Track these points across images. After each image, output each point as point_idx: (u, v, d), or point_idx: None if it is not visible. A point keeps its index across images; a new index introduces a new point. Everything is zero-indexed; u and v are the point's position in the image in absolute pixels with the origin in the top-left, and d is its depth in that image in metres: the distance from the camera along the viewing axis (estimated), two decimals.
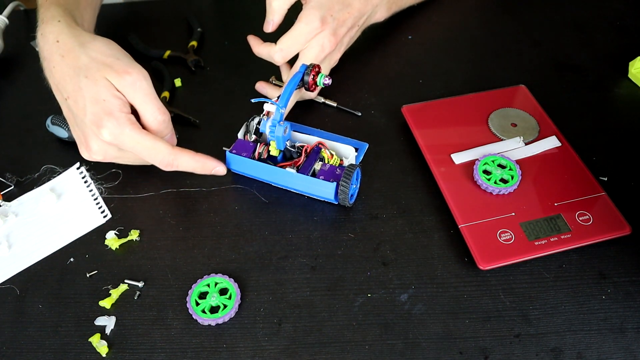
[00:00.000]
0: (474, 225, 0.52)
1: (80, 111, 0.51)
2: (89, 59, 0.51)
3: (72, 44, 0.52)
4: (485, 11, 0.76)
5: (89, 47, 0.52)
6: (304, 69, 0.55)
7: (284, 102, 0.53)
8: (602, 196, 0.53)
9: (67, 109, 0.53)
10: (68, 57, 0.52)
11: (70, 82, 0.51)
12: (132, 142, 0.51)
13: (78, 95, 0.51)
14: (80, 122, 0.52)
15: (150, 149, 0.51)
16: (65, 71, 0.52)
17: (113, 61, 0.51)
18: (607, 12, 0.74)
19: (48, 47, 0.53)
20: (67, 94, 0.52)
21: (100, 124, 0.50)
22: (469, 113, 0.61)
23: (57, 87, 0.53)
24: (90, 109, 0.50)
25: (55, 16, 0.54)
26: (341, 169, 0.54)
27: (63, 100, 0.53)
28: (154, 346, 0.48)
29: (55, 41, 0.53)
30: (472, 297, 0.49)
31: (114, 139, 0.50)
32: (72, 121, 0.54)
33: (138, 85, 0.51)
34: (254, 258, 0.53)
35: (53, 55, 0.52)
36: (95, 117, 0.50)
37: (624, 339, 0.46)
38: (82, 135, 0.52)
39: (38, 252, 0.54)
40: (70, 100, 0.52)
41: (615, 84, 0.66)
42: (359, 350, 0.47)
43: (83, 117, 0.51)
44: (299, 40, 0.59)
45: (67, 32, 0.53)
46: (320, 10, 0.59)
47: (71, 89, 0.51)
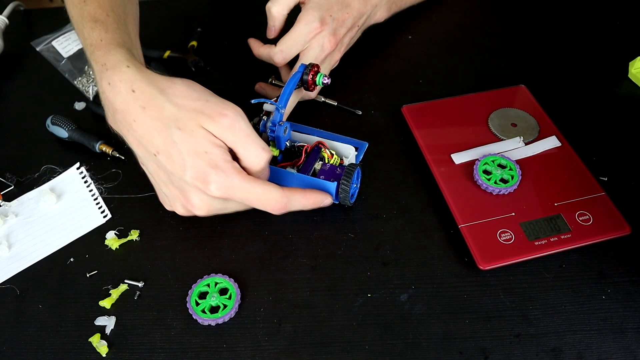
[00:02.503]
0: (474, 225, 0.52)
1: (177, 168, 0.46)
2: (176, 107, 0.46)
3: (151, 93, 0.47)
4: (486, 11, 0.76)
5: (171, 93, 0.47)
6: (302, 68, 0.55)
7: (283, 102, 0.53)
8: (602, 196, 0.53)
9: (157, 166, 0.48)
10: (151, 108, 0.47)
11: (159, 136, 0.46)
12: (243, 192, 0.47)
13: (172, 150, 0.46)
14: (178, 179, 0.47)
15: (262, 196, 0.47)
16: (150, 124, 0.46)
17: (203, 105, 0.46)
18: (607, 12, 0.74)
19: (122, 98, 0.47)
20: (157, 149, 0.47)
21: (206, 179, 0.46)
22: (469, 113, 0.61)
23: (141, 142, 0.48)
24: (191, 163, 0.46)
25: (122, 61, 0.49)
26: (341, 168, 0.54)
27: (150, 155, 0.48)
28: (154, 346, 0.48)
29: (131, 91, 0.47)
30: (472, 297, 0.49)
31: (223, 192, 0.46)
32: (164, 178, 0.49)
33: (237, 127, 0.46)
34: (254, 258, 0.53)
35: (131, 108, 0.47)
36: (198, 173, 0.46)
37: (624, 339, 0.46)
38: (179, 191, 0.48)
39: (38, 252, 0.54)
40: (162, 156, 0.47)
41: (615, 84, 0.66)
42: (359, 350, 0.47)
43: (182, 173, 0.46)
44: (299, 41, 0.59)
45: (141, 79, 0.48)
46: (319, 11, 0.59)
47: (162, 144, 0.46)
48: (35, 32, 0.75)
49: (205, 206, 0.48)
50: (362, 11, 0.63)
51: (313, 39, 0.59)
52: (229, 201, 0.49)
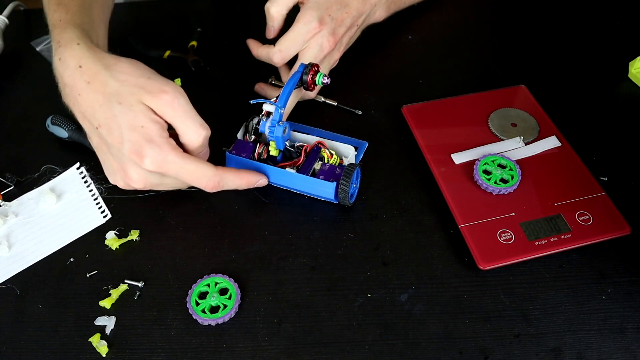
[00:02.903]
0: (474, 225, 0.52)
1: (115, 140, 0.48)
2: (119, 82, 0.48)
3: (96, 68, 0.49)
4: (486, 11, 0.77)
5: (115, 69, 0.49)
6: (302, 68, 0.55)
7: (283, 102, 0.53)
8: (602, 196, 0.53)
9: (99, 138, 0.50)
10: (95, 82, 0.49)
11: (100, 109, 0.48)
12: (176, 168, 0.48)
13: (112, 123, 0.48)
14: (117, 152, 0.49)
15: (195, 172, 0.49)
16: (93, 98, 0.48)
17: (145, 82, 0.48)
18: (607, 12, 0.74)
19: (70, 72, 0.50)
20: (98, 122, 0.48)
21: (141, 152, 0.47)
22: (469, 113, 0.61)
23: (85, 115, 0.50)
24: (128, 136, 0.47)
25: (74, 39, 0.51)
26: (341, 168, 0.54)
27: (93, 129, 0.50)
28: (154, 346, 0.48)
29: (78, 66, 0.49)
30: (472, 297, 0.49)
31: (157, 167, 0.48)
32: (105, 150, 0.50)
33: (177, 103, 0.48)
34: (254, 258, 0.53)
35: (77, 82, 0.49)
36: (134, 146, 0.47)
37: (624, 339, 0.46)
38: (119, 164, 0.49)
39: (38, 252, 0.54)
40: (103, 129, 0.48)
41: (615, 84, 0.66)
42: (359, 350, 0.47)
43: (120, 146, 0.48)
44: (298, 40, 0.59)
45: (89, 56, 0.50)
46: (318, 11, 0.59)
47: (103, 117, 0.48)
48: (35, 32, 0.75)
49: (142, 180, 0.50)
50: (361, 10, 0.63)
51: (312, 39, 0.59)
52: (165, 177, 0.50)
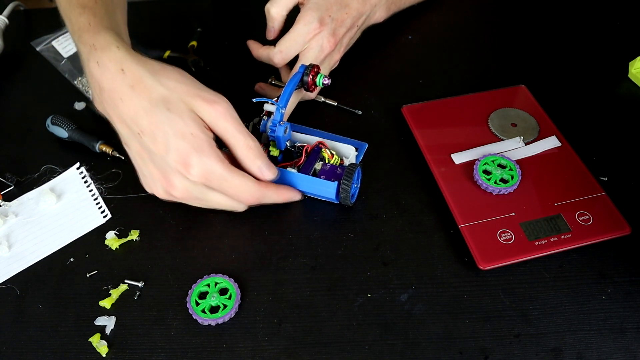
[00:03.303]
0: (474, 225, 0.52)
1: (160, 148, 0.46)
2: (167, 89, 0.46)
3: (141, 73, 0.47)
4: (485, 11, 0.77)
5: (162, 75, 0.47)
6: (303, 69, 0.55)
7: (283, 102, 0.53)
8: (602, 196, 0.53)
9: (139, 145, 0.48)
10: (139, 87, 0.47)
11: (145, 115, 0.46)
12: (222, 180, 0.48)
13: (157, 130, 0.46)
14: (160, 160, 0.47)
15: (239, 186, 0.48)
16: (137, 104, 0.46)
17: (197, 91, 0.47)
18: (607, 12, 0.74)
19: (110, 76, 0.47)
20: (141, 128, 0.47)
21: (188, 161, 0.46)
22: (469, 113, 0.61)
23: (125, 121, 0.48)
24: (175, 144, 0.46)
25: (111, 42, 0.49)
26: (342, 168, 0.54)
27: (133, 135, 0.48)
28: (154, 346, 0.48)
29: (120, 70, 0.47)
30: (472, 297, 0.49)
31: (203, 177, 0.47)
32: (146, 158, 0.49)
33: (229, 115, 0.47)
34: (254, 258, 0.53)
35: (119, 86, 0.47)
36: (181, 154, 0.46)
37: (624, 339, 0.46)
38: (161, 173, 0.48)
39: (38, 252, 0.54)
40: (146, 136, 0.47)
41: (615, 84, 0.66)
42: (359, 350, 0.47)
43: (164, 154, 0.46)
44: (298, 41, 0.59)
45: (132, 60, 0.48)
46: (318, 11, 0.59)
47: (147, 123, 0.46)
48: (35, 32, 0.74)
49: (185, 190, 0.48)
50: (361, 11, 0.63)
51: (312, 40, 0.59)
52: (208, 192, 0.49)
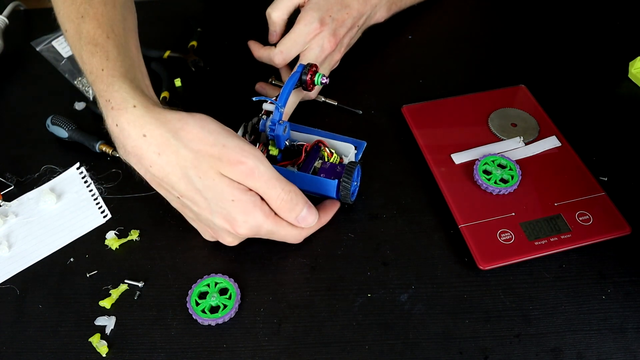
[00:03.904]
0: (474, 225, 0.52)
1: (204, 211, 0.47)
2: (192, 153, 0.44)
3: (164, 138, 0.45)
4: (485, 11, 0.77)
5: (184, 137, 0.45)
6: (301, 68, 0.55)
7: (283, 101, 0.53)
8: (602, 196, 0.53)
9: (181, 205, 0.49)
10: (166, 154, 0.45)
11: (180, 182, 0.45)
12: (269, 234, 0.49)
13: (196, 196, 0.46)
14: (206, 219, 0.48)
15: (285, 236, 0.50)
16: (169, 171, 0.45)
17: (220, 151, 0.45)
18: (607, 12, 0.74)
19: (133, 143, 0.46)
20: (180, 193, 0.46)
21: (234, 223, 0.46)
22: (469, 113, 0.61)
23: (161, 185, 0.47)
24: (218, 209, 0.46)
25: (127, 99, 0.46)
26: (342, 166, 0.54)
27: (174, 197, 0.48)
28: (154, 346, 0.48)
29: (142, 135, 0.45)
30: (472, 297, 0.49)
31: (252, 233, 0.48)
32: (192, 217, 0.50)
33: (257, 173, 0.45)
34: (254, 258, 0.53)
35: (145, 154, 0.45)
36: (226, 218, 0.46)
37: (624, 339, 0.46)
38: (211, 229, 0.50)
39: (38, 252, 0.54)
40: (186, 200, 0.47)
41: (615, 84, 0.66)
42: (359, 350, 0.47)
43: (209, 215, 0.47)
44: (299, 41, 0.59)
45: (151, 121, 0.45)
46: (318, 12, 0.59)
47: (184, 190, 0.46)
48: (35, 32, 0.75)
49: (237, 240, 0.50)
50: (361, 11, 0.63)
51: (313, 40, 0.59)
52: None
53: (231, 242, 0.50)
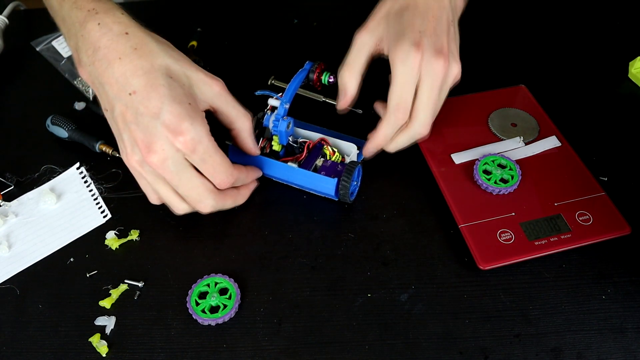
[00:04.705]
0: (474, 225, 0.52)
1: (151, 109, 0.44)
2: (172, 59, 0.46)
3: (147, 40, 0.46)
4: (485, 11, 0.76)
5: (167, 46, 0.47)
6: (309, 66, 0.55)
7: (288, 97, 0.53)
8: (602, 196, 0.53)
9: (125, 107, 0.46)
10: (143, 51, 0.46)
11: (143, 75, 0.45)
12: (205, 154, 0.46)
13: (152, 92, 0.44)
14: (147, 121, 0.45)
15: (219, 165, 0.48)
16: (137, 64, 0.45)
17: (199, 68, 0.47)
18: (607, 12, 0.74)
19: (111, 36, 0.46)
20: (134, 88, 0.45)
21: (180, 126, 0.44)
22: (469, 113, 0.61)
23: (118, 79, 0.46)
24: (170, 109, 0.44)
25: (115, 8, 0.48)
26: (342, 165, 0.54)
27: (123, 95, 0.46)
28: (154, 346, 0.48)
29: (124, 33, 0.46)
30: (472, 297, 0.49)
31: (190, 146, 0.45)
32: (130, 120, 0.46)
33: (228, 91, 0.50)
34: (254, 258, 0.53)
35: (120, 46, 0.46)
36: (175, 118, 0.44)
37: (624, 339, 0.46)
38: (143, 135, 0.45)
39: (38, 252, 0.54)
40: (138, 96, 0.45)
41: (615, 84, 0.66)
42: (359, 350, 0.47)
43: (154, 116, 0.45)
44: (408, 86, 0.50)
45: (138, 26, 0.47)
46: (405, 38, 0.49)
47: (144, 84, 0.45)
48: (35, 32, 0.75)
49: (163, 159, 0.46)
50: (443, 4, 0.52)
51: (422, 72, 0.49)
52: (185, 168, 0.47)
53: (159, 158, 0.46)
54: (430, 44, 0.49)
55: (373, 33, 0.53)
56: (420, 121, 0.51)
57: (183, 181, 0.48)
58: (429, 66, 0.49)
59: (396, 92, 0.50)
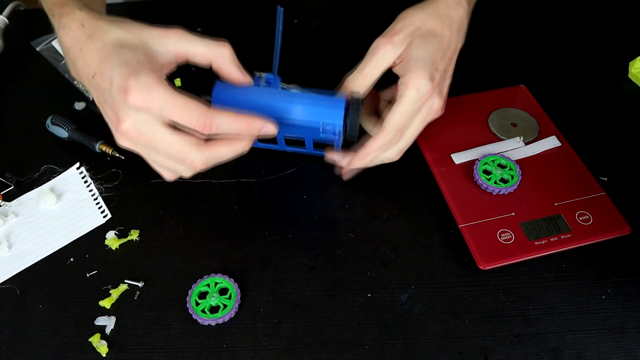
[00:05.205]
0: (474, 225, 0.52)
1: (106, 82, 0.44)
2: (123, 30, 0.46)
3: (99, 23, 0.46)
4: (485, 11, 0.76)
5: (119, 22, 0.46)
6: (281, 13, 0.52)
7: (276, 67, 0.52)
8: (602, 196, 0.53)
9: (95, 91, 0.47)
10: (96, 34, 0.46)
11: (97, 55, 0.45)
12: (163, 103, 0.44)
13: (105, 66, 0.44)
14: (108, 95, 0.45)
15: (183, 108, 0.44)
16: (92, 48, 0.45)
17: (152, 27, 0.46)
18: (607, 12, 0.74)
19: (72, 33, 0.47)
20: (94, 70, 0.45)
21: (126, 87, 0.43)
22: (469, 113, 0.61)
23: (84, 69, 0.46)
24: (117, 74, 0.43)
25: (75, 8, 0.48)
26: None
27: (91, 81, 0.46)
28: (154, 346, 0.48)
29: (80, 25, 0.47)
30: (472, 297, 0.49)
31: (143, 101, 0.43)
32: (101, 101, 0.46)
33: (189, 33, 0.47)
34: (254, 258, 0.53)
35: (79, 38, 0.46)
36: (121, 80, 0.43)
37: (624, 339, 0.46)
38: (112, 111, 0.45)
39: (38, 252, 0.54)
40: (97, 76, 0.45)
41: (615, 84, 0.66)
42: (359, 350, 0.47)
43: (109, 87, 0.44)
44: (411, 112, 0.50)
45: (92, 16, 0.47)
46: (427, 69, 0.49)
47: (98, 63, 0.45)
48: (35, 32, 0.74)
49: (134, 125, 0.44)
50: (457, 46, 0.54)
51: (423, 106, 0.51)
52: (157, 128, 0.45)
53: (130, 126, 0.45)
54: (440, 84, 0.51)
55: (397, 49, 0.52)
56: (399, 148, 0.53)
57: (158, 141, 0.46)
58: (430, 103, 0.51)
59: (400, 114, 0.50)
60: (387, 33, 0.53)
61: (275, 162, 0.60)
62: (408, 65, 0.50)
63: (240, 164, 0.56)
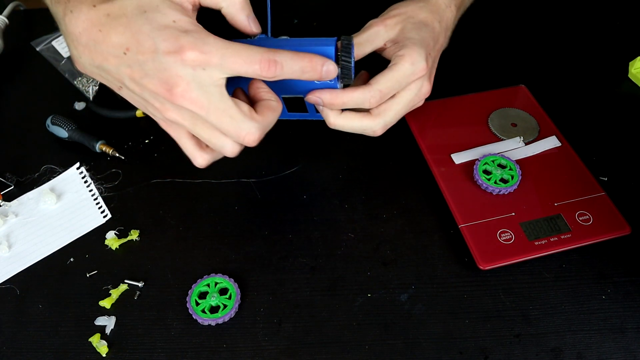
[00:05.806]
0: (474, 225, 0.52)
1: (148, 49, 0.42)
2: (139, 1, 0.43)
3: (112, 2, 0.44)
4: (485, 11, 0.76)
5: None
6: None
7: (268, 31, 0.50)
8: (602, 196, 0.53)
9: (129, 69, 0.44)
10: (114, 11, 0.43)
11: (125, 30, 0.43)
12: (221, 53, 0.42)
13: (140, 35, 0.42)
14: (152, 65, 0.42)
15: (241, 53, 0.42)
16: (116, 23, 0.43)
17: None
18: (607, 12, 0.74)
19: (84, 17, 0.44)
20: (125, 46, 0.43)
21: (179, 46, 0.41)
22: (469, 113, 0.61)
23: (109, 51, 0.44)
24: (161, 37, 0.42)
25: None
26: None
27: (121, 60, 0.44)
28: (154, 346, 0.48)
29: (92, 7, 0.44)
30: (472, 297, 0.49)
31: (200, 56, 0.42)
32: (138, 77, 0.44)
33: None
34: (254, 258, 0.53)
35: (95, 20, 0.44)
36: (170, 43, 0.42)
37: (624, 339, 0.46)
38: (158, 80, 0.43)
39: (38, 252, 0.54)
40: (132, 49, 0.43)
41: (615, 84, 0.66)
42: (359, 350, 0.47)
43: (154, 54, 0.42)
44: (402, 83, 0.49)
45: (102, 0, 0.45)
46: (424, 49, 0.50)
47: (129, 36, 0.43)
48: (35, 32, 0.75)
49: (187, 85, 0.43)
50: (443, 43, 0.56)
51: (413, 84, 0.50)
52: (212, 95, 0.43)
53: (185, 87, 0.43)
54: (430, 69, 0.51)
55: (389, 31, 0.52)
56: (385, 121, 0.51)
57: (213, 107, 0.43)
58: (420, 83, 0.50)
59: (388, 79, 0.49)
60: (381, 17, 0.54)
61: (275, 162, 0.60)
62: (404, 44, 0.50)
63: (241, 164, 0.56)
